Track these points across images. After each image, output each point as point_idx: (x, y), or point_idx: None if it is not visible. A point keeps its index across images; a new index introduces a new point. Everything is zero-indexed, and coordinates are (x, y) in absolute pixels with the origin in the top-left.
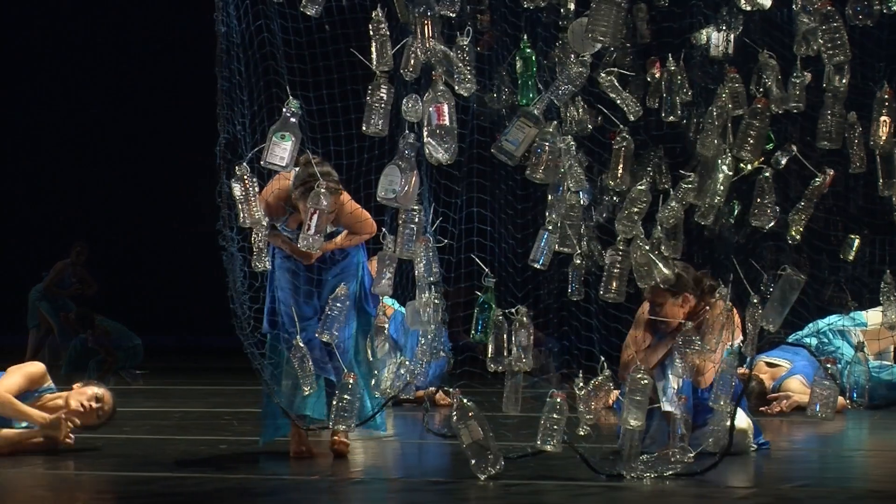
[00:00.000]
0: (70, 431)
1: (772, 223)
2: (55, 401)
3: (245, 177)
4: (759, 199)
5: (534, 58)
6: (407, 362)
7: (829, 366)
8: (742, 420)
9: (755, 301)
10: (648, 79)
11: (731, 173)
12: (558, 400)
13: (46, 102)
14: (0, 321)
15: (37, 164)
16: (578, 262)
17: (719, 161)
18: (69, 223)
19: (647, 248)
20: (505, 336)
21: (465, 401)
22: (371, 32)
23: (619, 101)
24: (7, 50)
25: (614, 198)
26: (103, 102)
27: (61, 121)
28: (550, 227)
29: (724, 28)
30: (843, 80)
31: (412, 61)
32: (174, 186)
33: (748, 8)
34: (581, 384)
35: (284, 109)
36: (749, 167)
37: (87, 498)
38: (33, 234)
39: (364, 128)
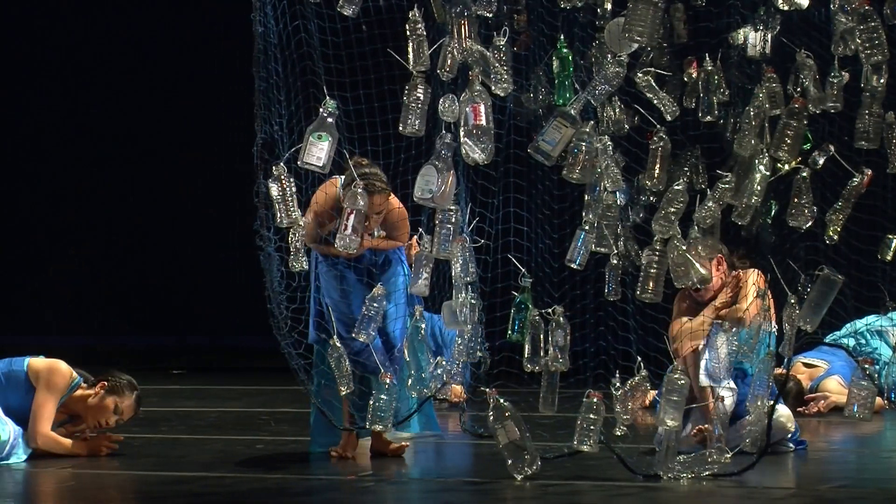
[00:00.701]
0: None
1: (809, 223)
2: (80, 403)
3: (282, 177)
4: (796, 200)
5: (571, 58)
6: (444, 362)
7: (866, 366)
8: (782, 409)
9: (793, 301)
10: (685, 78)
11: (768, 173)
12: (595, 400)
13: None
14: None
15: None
16: (615, 262)
17: (756, 161)
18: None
19: (684, 248)
20: (542, 336)
21: (501, 401)
22: (408, 32)
23: (655, 101)
24: (30, 49)
25: (651, 198)
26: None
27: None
28: (587, 228)
29: (761, 28)
30: (881, 80)
31: (449, 61)
32: (210, 186)
33: (786, 7)
34: (618, 384)
35: (321, 109)
36: (786, 167)
37: (124, 497)
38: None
39: (401, 128)
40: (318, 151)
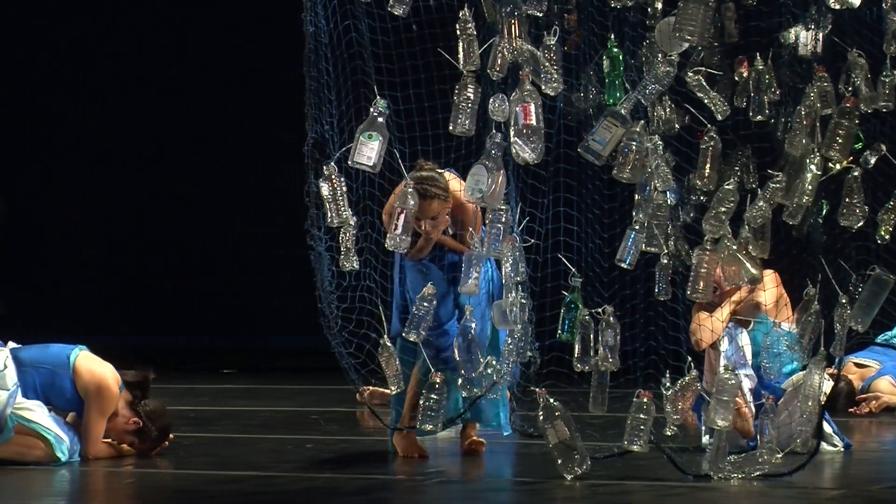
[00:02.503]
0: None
1: (861, 223)
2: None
3: (333, 176)
4: (847, 199)
5: (621, 57)
6: (493, 361)
7: None
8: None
9: (844, 301)
10: (736, 78)
11: (819, 173)
12: (645, 400)
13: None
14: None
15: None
16: (665, 261)
17: (807, 160)
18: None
19: (735, 247)
20: (592, 336)
21: (551, 401)
22: (458, 32)
23: (706, 101)
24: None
25: (701, 197)
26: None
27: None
28: (637, 227)
29: (812, 27)
30: None
31: (499, 61)
32: (258, 185)
33: (837, 6)
34: (668, 384)
35: (372, 109)
36: (837, 167)
37: (176, 496)
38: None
39: (451, 127)
40: (369, 151)
